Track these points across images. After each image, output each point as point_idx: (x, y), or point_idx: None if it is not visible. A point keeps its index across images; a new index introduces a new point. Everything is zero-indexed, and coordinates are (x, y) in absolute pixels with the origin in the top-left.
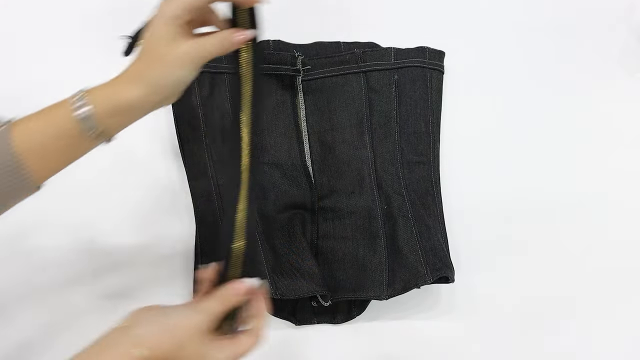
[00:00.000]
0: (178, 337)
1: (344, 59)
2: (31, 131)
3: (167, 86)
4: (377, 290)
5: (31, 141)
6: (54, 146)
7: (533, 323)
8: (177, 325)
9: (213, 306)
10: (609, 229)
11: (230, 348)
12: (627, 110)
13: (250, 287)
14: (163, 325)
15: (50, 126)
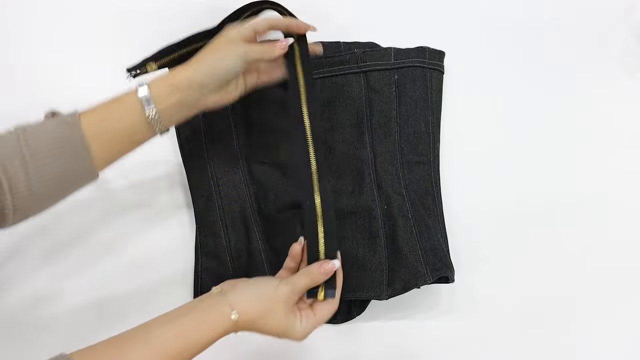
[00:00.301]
0: (266, 305)
1: (344, 59)
2: (98, 117)
3: (217, 71)
4: (377, 290)
5: (97, 126)
6: (117, 131)
7: (533, 323)
8: (267, 295)
9: (301, 281)
10: (609, 229)
11: (311, 318)
12: (627, 110)
13: (334, 267)
14: (254, 293)
15: (114, 111)
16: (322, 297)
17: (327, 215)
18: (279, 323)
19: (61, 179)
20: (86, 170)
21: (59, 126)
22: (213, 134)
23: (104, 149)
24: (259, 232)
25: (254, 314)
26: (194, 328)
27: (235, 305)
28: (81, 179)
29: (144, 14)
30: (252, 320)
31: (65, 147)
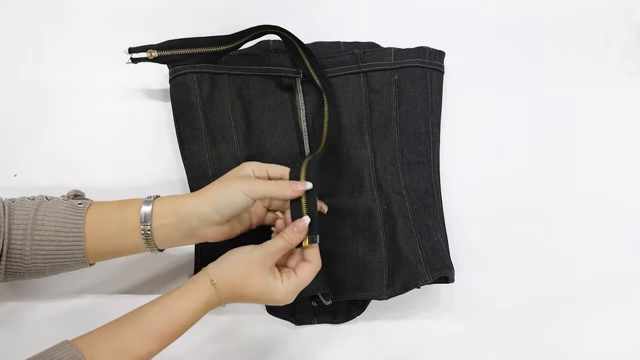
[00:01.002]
0: (242, 270)
1: (344, 59)
2: (101, 216)
3: (222, 206)
4: (377, 290)
5: (97, 223)
6: (113, 237)
7: (533, 323)
8: (242, 259)
9: (275, 243)
10: (609, 229)
11: (292, 278)
12: (627, 110)
13: (305, 224)
14: (230, 260)
15: (116, 217)
16: (307, 243)
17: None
18: (257, 284)
19: (53, 257)
20: (77, 257)
21: (67, 209)
22: (213, 134)
23: (98, 248)
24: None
25: (232, 280)
26: (177, 303)
27: (213, 275)
28: (72, 262)
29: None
30: (232, 286)
31: (64, 230)
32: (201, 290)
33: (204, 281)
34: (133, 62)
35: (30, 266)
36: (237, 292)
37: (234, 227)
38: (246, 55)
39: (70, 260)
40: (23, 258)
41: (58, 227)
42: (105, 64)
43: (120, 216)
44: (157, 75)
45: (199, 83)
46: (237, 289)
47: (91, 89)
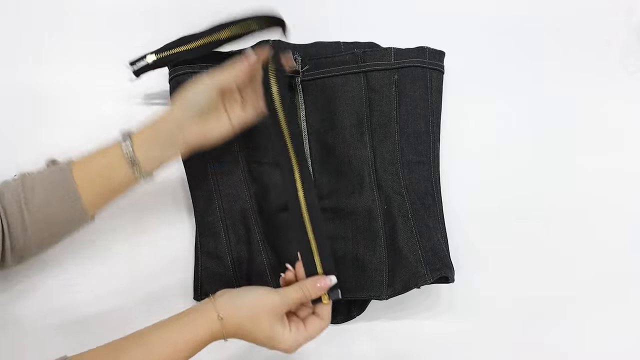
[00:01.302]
0: (252, 312)
1: (344, 59)
2: (87, 168)
3: (188, 100)
4: (377, 290)
5: (87, 173)
6: (105, 179)
7: (533, 323)
8: (255, 302)
9: (292, 293)
10: (609, 229)
11: (301, 330)
12: (627, 110)
13: (331, 283)
14: (243, 299)
15: (101, 161)
16: (327, 300)
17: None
18: (265, 330)
19: (55, 222)
20: (78, 214)
21: (52, 174)
22: None
23: (94, 196)
24: (260, 232)
25: (240, 319)
26: (182, 331)
27: (221, 309)
28: (75, 222)
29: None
30: (238, 325)
31: (58, 193)
32: (207, 323)
33: (211, 314)
34: (136, 76)
35: (34, 238)
36: (244, 332)
37: (211, 126)
38: None
39: (72, 222)
40: (26, 232)
41: (49, 192)
42: (105, 64)
43: (102, 155)
44: (157, 76)
45: None
46: (244, 330)
47: (91, 89)
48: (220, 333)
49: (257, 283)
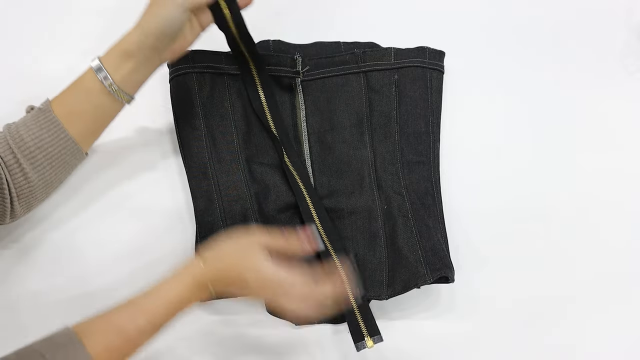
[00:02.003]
0: (235, 245)
1: (344, 59)
2: (67, 102)
3: (164, 29)
4: (377, 290)
5: (68, 109)
6: (87, 109)
7: (533, 323)
8: (237, 239)
9: (277, 237)
10: (609, 229)
11: (289, 272)
12: (627, 110)
13: (312, 234)
14: (225, 241)
15: (80, 92)
16: (372, 344)
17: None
18: (246, 258)
19: (51, 163)
20: (71, 149)
21: (34, 117)
22: (213, 134)
23: (80, 128)
24: None
25: (221, 255)
26: (165, 281)
27: (204, 254)
28: (70, 158)
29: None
30: (219, 259)
31: (46, 134)
32: (189, 267)
33: (194, 260)
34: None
35: (37, 183)
36: (224, 265)
37: (187, 38)
38: None
39: (67, 155)
40: (27, 177)
41: (37, 134)
42: None
43: (79, 89)
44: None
45: (199, 83)
46: (224, 262)
47: None
48: (202, 273)
49: None
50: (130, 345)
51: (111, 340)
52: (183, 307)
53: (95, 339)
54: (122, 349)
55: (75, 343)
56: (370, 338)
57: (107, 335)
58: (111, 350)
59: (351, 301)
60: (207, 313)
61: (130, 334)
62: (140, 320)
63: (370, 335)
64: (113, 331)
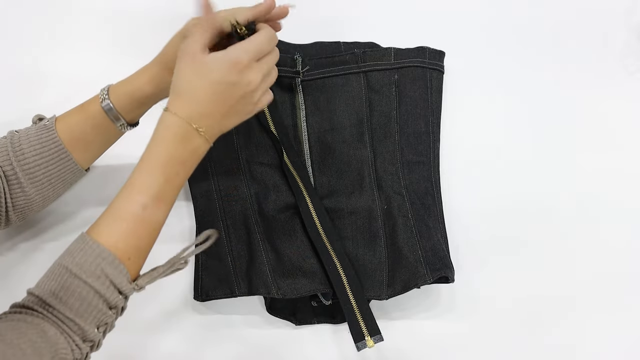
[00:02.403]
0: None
1: (344, 59)
2: (72, 125)
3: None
4: (377, 290)
5: (72, 133)
6: (91, 135)
7: (533, 323)
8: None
9: (199, 33)
10: (609, 229)
11: (238, 45)
12: (627, 110)
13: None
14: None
15: (86, 119)
16: (372, 343)
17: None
18: (193, 70)
19: (50, 179)
20: (72, 169)
21: (38, 131)
22: None
23: (82, 150)
24: (260, 233)
25: (185, 94)
26: (148, 151)
27: (171, 106)
28: (70, 176)
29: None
30: (178, 94)
31: (47, 152)
32: (164, 125)
33: (162, 117)
34: None
35: (34, 196)
36: (192, 99)
37: None
38: None
39: (66, 173)
40: (23, 190)
41: (38, 151)
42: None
43: (84, 114)
44: None
45: None
46: (188, 96)
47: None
48: (171, 116)
49: (258, 283)
50: (144, 224)
51: (122, 228)
52: (182, 167)
53: (106, 233)
54: (138, 232)
55: (90, 243)
56: (370, 338)
57: (116, 224)
58: (128, 237)
59: None
60: (207, 313)
61: (136, 214)
62: (139, 198)
63: (370, 335)
64: (119, 218)
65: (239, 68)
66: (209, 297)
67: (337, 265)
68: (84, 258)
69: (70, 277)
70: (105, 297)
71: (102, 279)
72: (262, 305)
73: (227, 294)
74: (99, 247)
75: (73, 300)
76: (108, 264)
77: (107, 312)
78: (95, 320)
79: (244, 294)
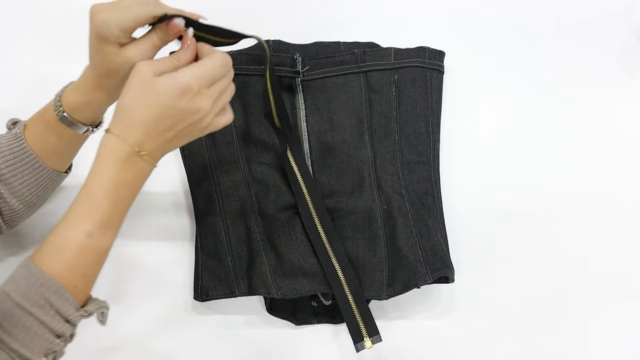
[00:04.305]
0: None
1: (344, 59)
2: (37, 135)
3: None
4: (377, 290)
5: (40, 143)
6: (59, 145)
7: (533, 323)
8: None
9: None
10: (609, 229)
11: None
12: (627, 110)
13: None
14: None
15: (49, 129)
16: (371, 344)
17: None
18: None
19: (29, 189)
20: (48, 174)
21: (9, 142)
22: (213, 134)
23: (51, 156)
24: (260, 233)
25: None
26: (90, 177)
27: (114, 128)
28: (48, 182)
29: None
30: (121, 116)
31: (18, 161)
32: (106, 148)
33: (105, 139)
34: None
35: (17, 205)
36: (131, 117)
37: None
38: (245, 54)
39: (45, 179)
40: (5, 200)
41: (11, 162)
42: None
43: (43, 121)
44: None
45: None
46: (128, 116)
47: None
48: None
49: (258, 283)
50: (89, 252)
51: (66, 256)
52: (128, 190)
53: (50, 260)
54: (82, 259)
55: (34, 271)
56: (369, 338)
57: (60, 252)
58: (72, 265)
59: None
60: (207, 313)
61: (81, 242)
62: (83, 225)
63: (369, 336)
64: (63, 246)
65: (189, 95)
66: (209, 297)
67: (336, 266)
68: (27, 287)
69: (14, 307)
70: (50, 326)
71: (47, 309)
72: (262, 305)
73: (227, 294)
74: (42, 276)
75: (17, 331)
76: (52, 292)
77: (54, 340)
78: (42, 350)
79: (244, 294)
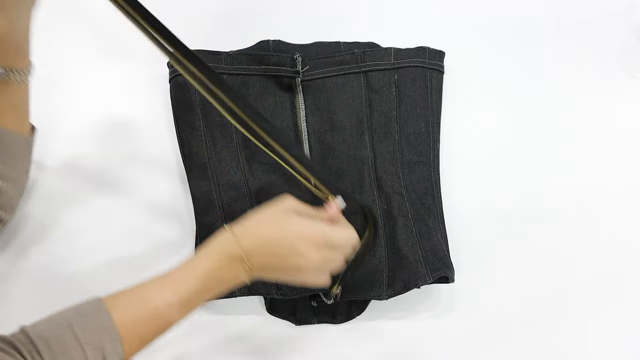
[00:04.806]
0: (263, 214)
1: (344, 59)
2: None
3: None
4: (377, 290)
5: None
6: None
7: (532, 323)
8: (266, 209)
9: (303, 204)
10: (609, 229)
11: (317, 219)
12: (627, 110)
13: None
14: (252, 216)
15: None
16: (337, 290)
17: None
18: (275, 217)
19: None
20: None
21: None
22: (213, 134)
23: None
24: None
25: (252, 225)
26: (197, 256)
27: (237, 230)
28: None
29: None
30: (249, 230)
31: None
32: (220, 241)
33: (227, 236)
34: None
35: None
36: (257, 234)
37: None
38: (245, 54)
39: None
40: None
41: None
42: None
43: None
44: (157, 75)
45: None
46: (256, 231)
47: (91, 89)
48: (235, 248)
49: (258, 283)
50: (159, 320)
51: (139, 313)
52: (217, 285)
53: (122, 310)
54: (150, 324)
55: (104, 313)
56: (337, 286)
57: (135, 308)
58: (138, 324)
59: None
60: (207, 313)
61: (158, 308)
62: (168, 295)
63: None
64: (141, 304)
65: (310, 243)
66: None
67: None
68: (90, 325)
69: (70, 336)
70: None
71: (98, 352)
72: (262, 305)
73: (227, 294)
74: (109, 322)
75: (62, 358)
76: (110, 341)
77: None
78: None
79: (244, 294)
